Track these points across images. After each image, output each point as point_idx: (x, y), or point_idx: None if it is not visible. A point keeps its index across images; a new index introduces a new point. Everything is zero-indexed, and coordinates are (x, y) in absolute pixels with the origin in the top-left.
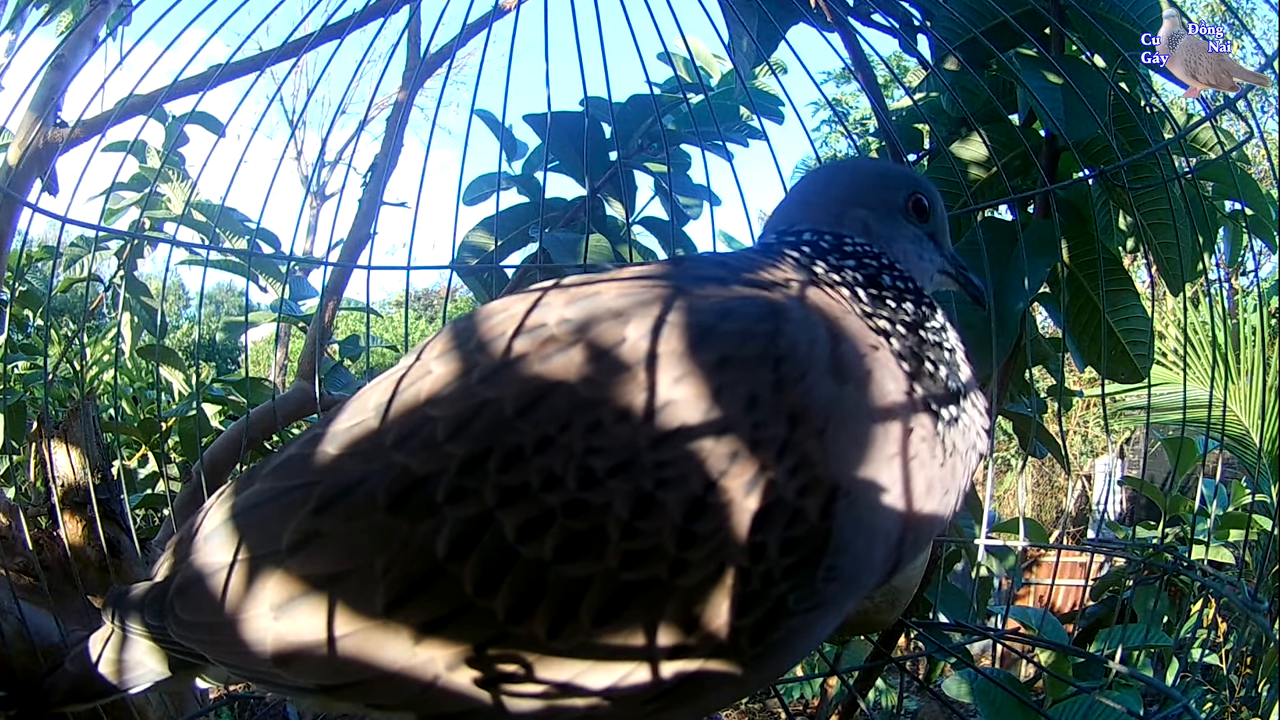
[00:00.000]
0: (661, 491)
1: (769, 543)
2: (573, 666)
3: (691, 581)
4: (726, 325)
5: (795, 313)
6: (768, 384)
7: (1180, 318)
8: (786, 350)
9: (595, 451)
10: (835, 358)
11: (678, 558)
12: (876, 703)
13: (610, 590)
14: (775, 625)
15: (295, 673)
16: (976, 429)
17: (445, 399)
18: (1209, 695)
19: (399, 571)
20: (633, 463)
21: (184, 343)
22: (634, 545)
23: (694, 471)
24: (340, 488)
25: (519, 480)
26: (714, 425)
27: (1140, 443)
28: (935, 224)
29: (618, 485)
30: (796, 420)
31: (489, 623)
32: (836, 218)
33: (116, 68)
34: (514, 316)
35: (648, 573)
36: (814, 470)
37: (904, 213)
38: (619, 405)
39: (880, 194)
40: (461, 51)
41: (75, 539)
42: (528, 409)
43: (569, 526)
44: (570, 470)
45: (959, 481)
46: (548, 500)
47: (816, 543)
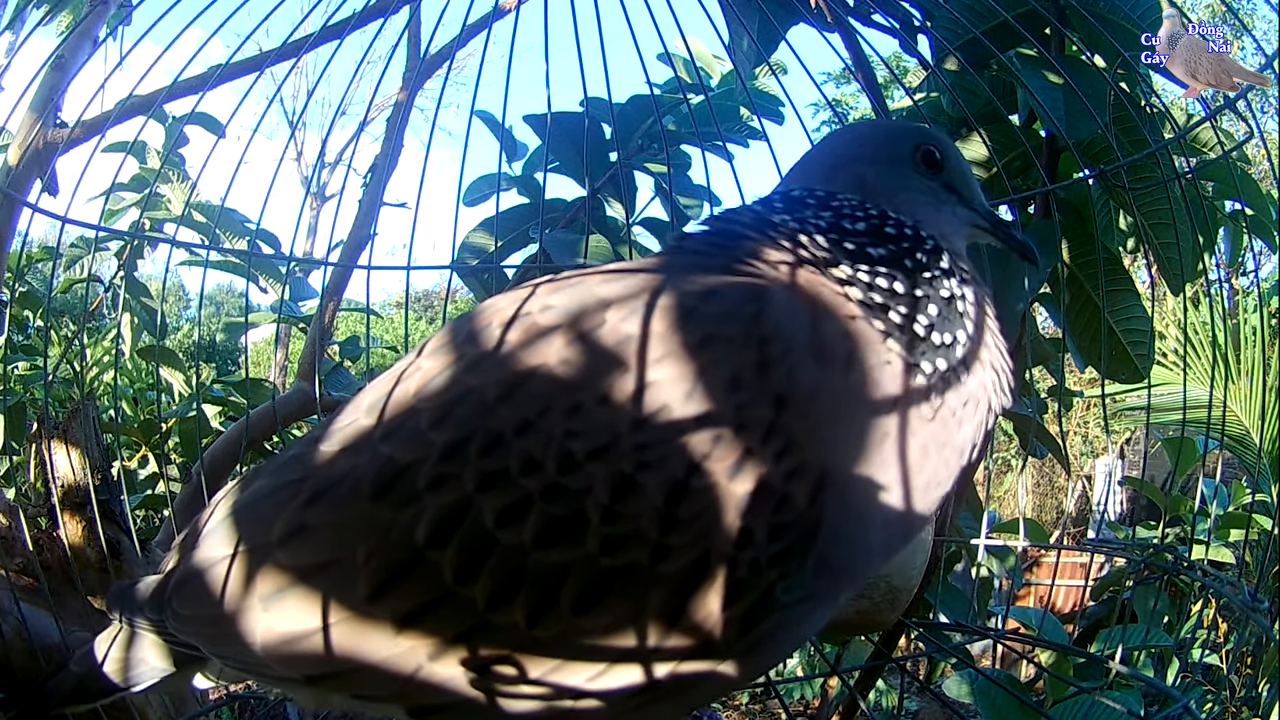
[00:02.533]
0: (642, 474)
1: (755, 528)
2: (556, 657)
3: (675, 568)
4: (709, 306)
5: (778, 294)
6: (752, 364)
7: (1180, 318)
8: (770, 330)
9: (575, 435)
10: (817, 339)
11: (659, 542)
12: (877, 703)
13: (590, 576)
14: (764, 615)
15: (283, 663)
16: (982, 379)
17: (432, 391)
18: (1209, 695)
19: (381, 560)
20: (613, 446)
21: (184, 344)
22: (614, 530)
23: (675, 454)
24: (329, 481)
25: (498, 465)
26: (696, 406)
27: (1140, 443)
28: (952, 175)
29: (597, 469)
30: (782, 402)
31: (469, 611)
32: (830, 174)
33: (116, 68)
34: (502, 309)
35: (628, 558)
36: (801, 454)
37: (912, 164)
38: (599, 388)
39: (882, 148)
40: (461, 52)
41: (75, 540)
42: (508, 394)
43: (548, 511)
44: (549, 454)
45: (957, 437)
46: (526, 485)
47: (805, 529)
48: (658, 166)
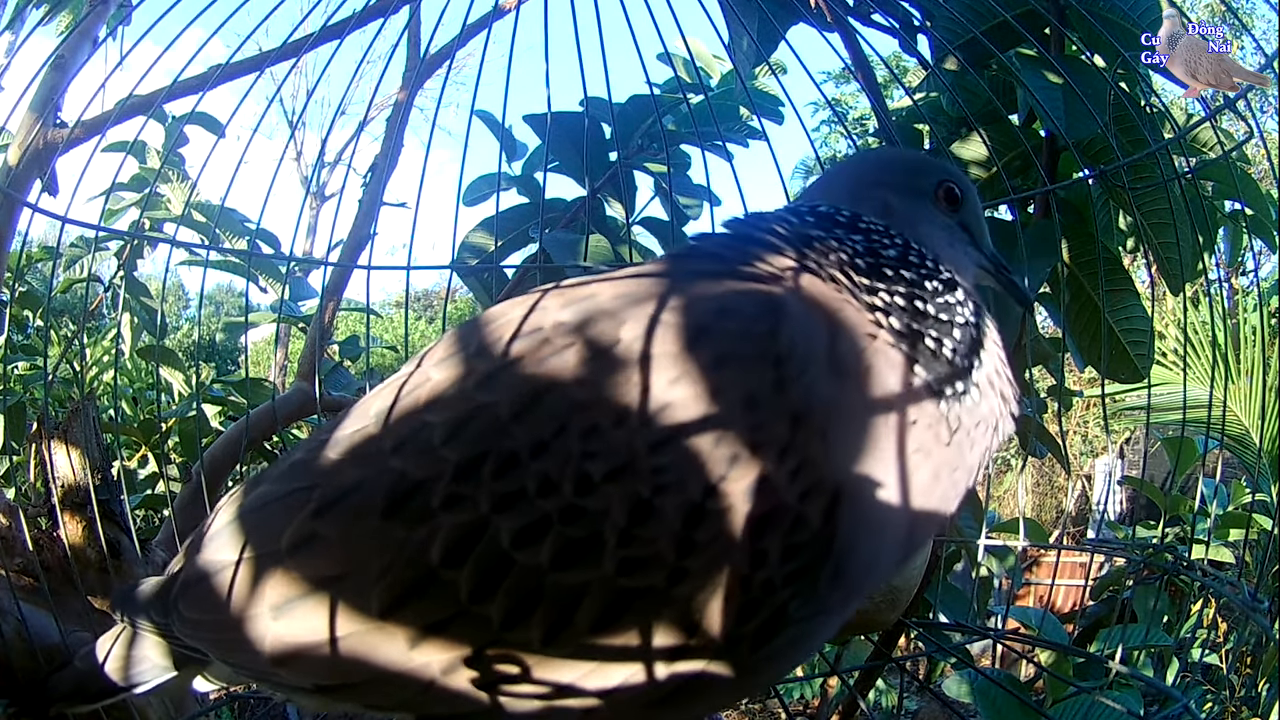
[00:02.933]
0: (659, 498)
1: (770, 549)
2: (569, 671)
3: (690, 589)
4: (724, 324)
5: (793, 308)
6: (768, 383)
7: (1180, 318)
8: (786, 348)
9: (591, 456)
10: (834, 354)
11: (676, 565)
12: (877, 703)
13: (608, 598)
14: (776, 632)
15: (292, 672)
16: (992, 405)
17: (442, 404)
18: (1209, 695)
19: (394, 576)
20: (630, 467)
21: (184, 343)
22: (631, 553)
23: (692, 476)
24: (339, 491)
25: (515, 486)
26: (712, 427)
27: (1140, 443)
28: (968, 216)
29: (614, 491)
30: (798, 421)
31: (484, 629)
32: (854, 196)
33: (116, 68)
34: (511, 321)
35: (646, 580)
36: (817, 473)
37: (933, 199)
38: (615, 408)
39: (907, 178)
40: (461, 52)
41: (75, 540)
42: (523, 413)
43: (565, 533)
44: (566, 475)
45: (968, 459)
46: (544, 506)
47: (820, 548)
48: (658, 166)
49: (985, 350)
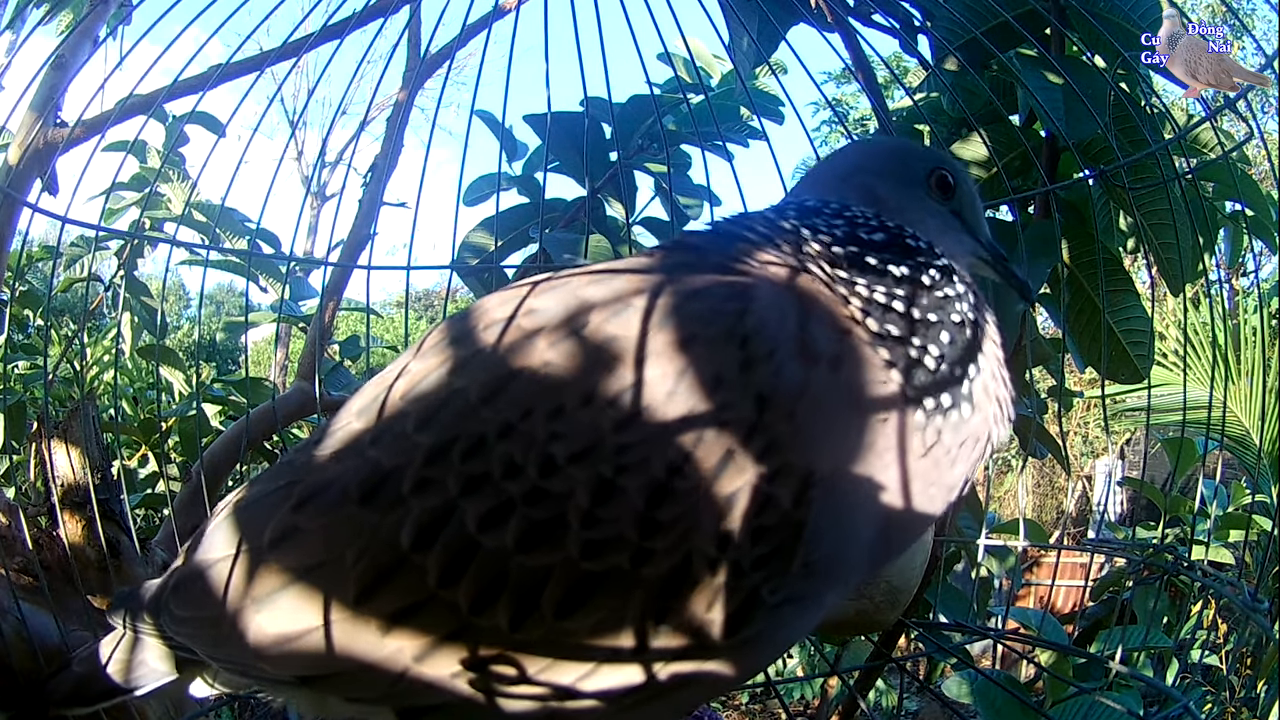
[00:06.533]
0: (622, 478)
1: (738, 531)
2: (541, 660)
3: (657, 572)
4: (692, 305)
5: (764, 291)
6: (734, 363)
7: (1180, 318)
8: (754, 328)
9: (557, 438)
10: (805, 339)
11: (640, 546)
12: (877, 703)
13: (572, 580)
14: (749, 618)
15: (274, 664)
16: (985, 415)
17: (419, 393)
18: (1209, 696)
19: (367, 563)
20: (594, 449)
21: (184, 343)
22: (594, 534)
23: (656, 456)
24: (319, 485)
25: (481, 469)
26: (677, 407)
27: (1140, 443)
28: (963, 203)
29: (578, 472)
30: (765, 402)
31: (454, 614)
32: (840, 184)
33: (116, 68)
34: (490, 310)
35: (609, 562)
36: (785, 455)
37: (925, 187)
38: (581, 390)
39: (895, 165)
40: (461, 52)
41: (75, 539)
42: (491, 397)
43: (529, 515)
44: (531, 458)
45: (946, 476)
46: (509, 489)
47: (789, 532)
48: (658, 166)
49: (982, 353)
